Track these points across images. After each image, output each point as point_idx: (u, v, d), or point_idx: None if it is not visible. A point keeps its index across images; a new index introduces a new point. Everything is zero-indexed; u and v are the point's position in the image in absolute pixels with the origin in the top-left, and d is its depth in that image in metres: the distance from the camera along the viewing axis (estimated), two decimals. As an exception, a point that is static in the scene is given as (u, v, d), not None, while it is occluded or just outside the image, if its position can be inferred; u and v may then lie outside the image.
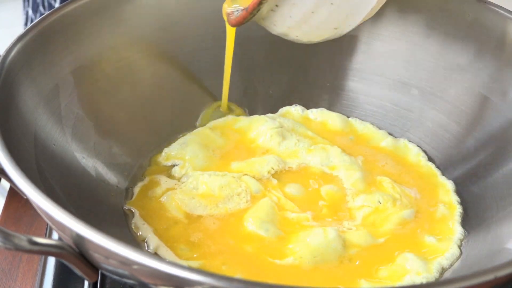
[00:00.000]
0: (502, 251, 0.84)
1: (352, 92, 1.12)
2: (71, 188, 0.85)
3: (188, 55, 1.07)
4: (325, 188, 0.96)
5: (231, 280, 0.58)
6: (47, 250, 0.66)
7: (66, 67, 0.93)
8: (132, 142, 1.00)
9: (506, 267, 0.64)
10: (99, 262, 0.67)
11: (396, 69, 1.08)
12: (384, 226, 0.92)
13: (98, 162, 0.93)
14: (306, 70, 1.12)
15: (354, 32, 1.00)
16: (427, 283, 0.81)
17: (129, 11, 1.01)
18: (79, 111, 0.93)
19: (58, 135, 0.89)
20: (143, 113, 1.03)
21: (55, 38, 0.92)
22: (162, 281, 0.62)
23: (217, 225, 0.90)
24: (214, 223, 0.90)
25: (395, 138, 1.07)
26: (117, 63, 1.00)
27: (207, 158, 1.00)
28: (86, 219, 0.64)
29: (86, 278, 0.70)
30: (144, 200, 0.94)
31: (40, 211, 0.69)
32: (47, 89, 0.90)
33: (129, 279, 0.67)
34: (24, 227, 1.00)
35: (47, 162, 0.83)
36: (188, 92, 1.07)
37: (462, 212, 0.95)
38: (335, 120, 1.09)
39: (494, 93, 0.99)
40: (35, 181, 0.69)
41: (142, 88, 1.03)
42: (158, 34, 1.05)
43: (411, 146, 1.06)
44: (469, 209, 0.95)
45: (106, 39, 0.99)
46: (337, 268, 0.85)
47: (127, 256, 0.60)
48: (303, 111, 1.11)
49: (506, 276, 0.63)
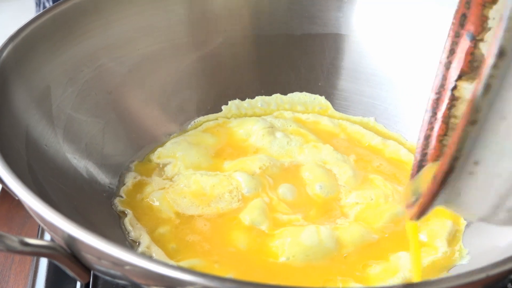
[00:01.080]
0: (495, 249, 0.84)
1: (345, 91, 1.12)
2: (63, 189, 0.85)
3: (177, 56, 1.07)
4: (318, 184, 0.96)
5: (223, 280, 0.58)
6: (39, 251, 0.66)
7: (58, 67, 0.93)
8: (124, 142, 1.00)
9: (497, 266, 0.64)
10: (91, 263, 0.67)
11: (388, 68, 1.09)
12: (377, 223, 0.91)
13: (89, 163, 0.93)
14: (298, 69, 1.12)
15: (344, 31, 1.00)
16: (420, 282, 0.81)
17: (121, 11, 1.01)
18: (70, 111, 0.93)
19: (49, 135, 0.88)
20: (135, 113, 1.02)
21: (47, 39, 0.92)
22: (154, 282, 0.62)
23: (209, 225, 0.90)
24: (206, 223, 0.90)
25: (383, 139, 1.07)
26: (109, 63, 1.00)
27: (199, 156, 0.99)
28: (77, 220, 0.63)
29: (78, 279, 0.70)
30: (136, 200, 0.93)
31: (32, 212, 0.69)
32: (39, 90, 0.89)
33: (121, 280, 0.67)
34: (16, 228, 1.00)
35: (38, 163, 0.83)
36: (179, 94, 1.07)
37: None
38: (327, 120, 1.09)
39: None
40: (26, 182, 0.68)
41: (135, 87, 1.03)
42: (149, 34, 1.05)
43: (399, 147, 1.06)
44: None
45: (98, 40, 0.99)
46: (329, 266, 0.85)
47: (119, 256, 0.60)
48: (293, 112, 1.11)
49: (498, 274, 0.64)
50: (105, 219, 0.90)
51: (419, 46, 1.07)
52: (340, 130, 1.08)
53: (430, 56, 1.05)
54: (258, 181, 0.95)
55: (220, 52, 1.10)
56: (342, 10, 1.10)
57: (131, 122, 1.02)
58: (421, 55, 1.06)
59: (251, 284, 0.62)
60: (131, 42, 1.03)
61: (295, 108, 1.12)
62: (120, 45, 1.01)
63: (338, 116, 1.11)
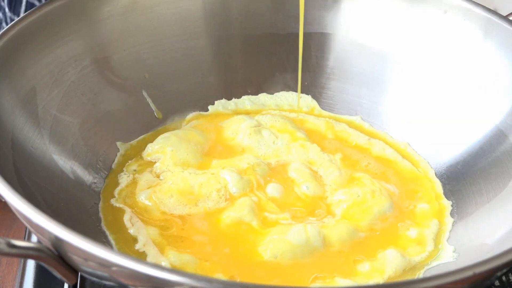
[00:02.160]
0: (482, 247, 0.84)
1: (331, 90, 1.12)
2: (49, 190, 0.85)
3: (163, 56, 1.07)
4: (305, 185, 0.96)
5: (211, 281, 0.58)
6: (26, 253, 0.66)
7: (43, 68, 0.93)
8: (110, 143, 1.00)
9: (485, 264, 0.64)
10: (78, 264, 0.67)
11: (373, 66, 1.09)
12: (364, 220, 0.92)
13: (76, 164, 0.93)
14: (284, 69, 1.12)
15: (330, 30, 1.00)
16: (408, 280, 0.81)
17: (105, 12, 1.01)
18: (56, 112, 0.93)
19: (35, 137, 0.88)
20: (121, 114, 1.02)
21: (32, 40, 0.92)
22: (141, 282, 0.62)
23: (197, 224, 0.90)
24: (194, 222, 0.90)
25: (370, 138, 1.07)
26: (94, 64, 1.00)
27: (189, 152, 0.99)
28: (64, 222, 0.63)
29: (65, 280, 0.70)
30: (124, 200, 0.93)
31: (18, 214, 0.69)
32: (24, 91, 0.89)
33: (109, 281, 0.67)
34: (4, 230, 1.00)
35: (24, 165, 0.83)
36: (165, 94, 1.07)
37: (444, 207, 0.96)
38: (314, 119, 1.10)
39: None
40: (12, 184, 0.68)
41: (120, 88, 1.03)
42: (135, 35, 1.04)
43: (385, 146, 1.06)
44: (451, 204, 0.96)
45: (83, 41, 0.98)
46: (317, 264, 0.85)
47: (105, 257, 0.60)
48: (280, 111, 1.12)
49: (485, 272, 0.64)
50: (92, 221, 0.89)
51: (404, 45, 1.07)
52: (327, 129, 1.08)
53: (415, 54, 1.07)
54: (246, 181, 0.95)
55: (206, 51, 1.10)
56: (327, 9, 1.10)
57: (117, 122, 1.01)
58: (406, 54, 1.07)
59: (238, 284, 0.62)
60: (116, 42, 1.02)
61: (282, 108, 1.12)
62: (105, 45, 1.01)
63: (325, 114, 1.12)
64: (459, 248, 0.88)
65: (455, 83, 1.02)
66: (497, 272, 0.68)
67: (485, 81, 0.99)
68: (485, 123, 0.97)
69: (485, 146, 0.96)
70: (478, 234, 0.88)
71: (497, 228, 0.85)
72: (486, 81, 0.99)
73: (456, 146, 1.00)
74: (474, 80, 1.01)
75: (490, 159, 0.95)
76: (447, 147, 1.01)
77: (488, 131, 0.97)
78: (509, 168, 0.91)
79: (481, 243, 0.85)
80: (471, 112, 1.00)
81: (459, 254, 0.87)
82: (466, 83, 1.01)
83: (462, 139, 0.99)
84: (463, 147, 0.99)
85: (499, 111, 0.97)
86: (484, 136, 0.97)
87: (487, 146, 0.96)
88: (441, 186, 0.99)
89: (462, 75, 1.02)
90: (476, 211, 0.92)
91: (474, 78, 1.01)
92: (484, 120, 0.98)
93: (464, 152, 0.99)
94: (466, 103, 1.01)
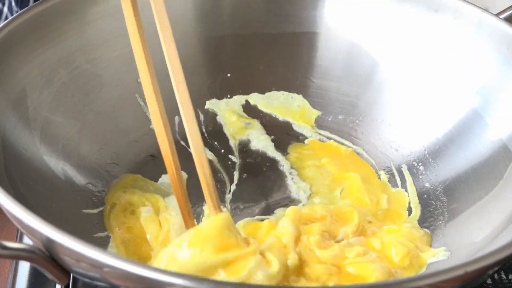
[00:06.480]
0: (473, 245, 0.84)
1: (321, 89, 1.12)
2: (40, 191, 0.85)
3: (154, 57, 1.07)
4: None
5: (202, 281, 0.58)
6: (18, 254, 0.66)
7: (33, 70, 0.92)
8: (101, 144, 0.99)
9: (476, 262, 0.64)
10: (70, 265, 0.67)
11: (364, 65, 1.09)
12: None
13: (67, 165, 0.93)
14: (275, 68, 1.12)
15: (320, 29, 1.00)
16: (400, 279, 0.81)
17: (96, 13, 1.01)
18: (47, 114, 0.93)
19: (26, 138, 0.88)
20: (113, 114, 1.02)
21: (22, 41, 0.92)
22: (133, 283, 0.62)
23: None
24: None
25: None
26: (85, 65, 1.00)
27: None
28: (55, 223, 0.63)
29: (57, 281, 0.70)
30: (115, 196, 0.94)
31: (9, 215, 0.68)
32: (15, 93, 0.89)
33: (100, 282, 0.67)
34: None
35: (15, 166, 0.83)
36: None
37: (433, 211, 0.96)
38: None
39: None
40: (3, 185, 0.69)
41: (112, 89, 1.03)
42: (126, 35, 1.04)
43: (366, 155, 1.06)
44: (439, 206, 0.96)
45: (74, 41, 0.98)
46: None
47: (97, 258, 0.60)
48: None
49: (476, 270, 0.64)
50: (83, 221, 0.89)
51: (395, 43, 1.07)
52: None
53: (406, 53, 1.07)
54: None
55: (196, 51, 1.10)
56: (317, 9, 1.10)
57: (108, 123, 1.01)
58: (396, 52, 1.07)
59: (229, 284, 0.62)
60: (107, 43, 1.02)
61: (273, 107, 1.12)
62: (96, 46, 1.01)
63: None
64: (450, 246, 0.88)
65: (445, 82, 1.02)
66: (488, 270, 0.68)
67: (475, 80, 0.99)
68: (475, 122, 0.98)
69: (479, 145, 0.96)
70: (470, 233, 0.88)
71: (488, 226, 0.85)
72: (477, 80, 0.99)
73: (443, 150, 1.01)
74: (464, 79, 1.01)
75: (482, 158, 0.95)
76: (435, 150, 1.02)
77: (479, 130, 0.97)
78: (500, 167, 0.91)
79: (472, 241, 0.85)
80: (462, 111, 1.00)
81: (450, 253, 0.87)
82: (456, 82, 1.01)
83: (453, 139, 1.00)
84: (455, 146, 0.99)
85: (491, 111, 0.97)
86: (477, 136, 0.97)
87: (481, 145, 0.96)
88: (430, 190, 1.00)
89: (452, 74, 1.02)
90: (467, 209, 0.92)
91: (464, 77, 1.01)
92: (474, 119, 0.98)
93: (448, 156, 0.99)
94: (456, 101, 1.01)
